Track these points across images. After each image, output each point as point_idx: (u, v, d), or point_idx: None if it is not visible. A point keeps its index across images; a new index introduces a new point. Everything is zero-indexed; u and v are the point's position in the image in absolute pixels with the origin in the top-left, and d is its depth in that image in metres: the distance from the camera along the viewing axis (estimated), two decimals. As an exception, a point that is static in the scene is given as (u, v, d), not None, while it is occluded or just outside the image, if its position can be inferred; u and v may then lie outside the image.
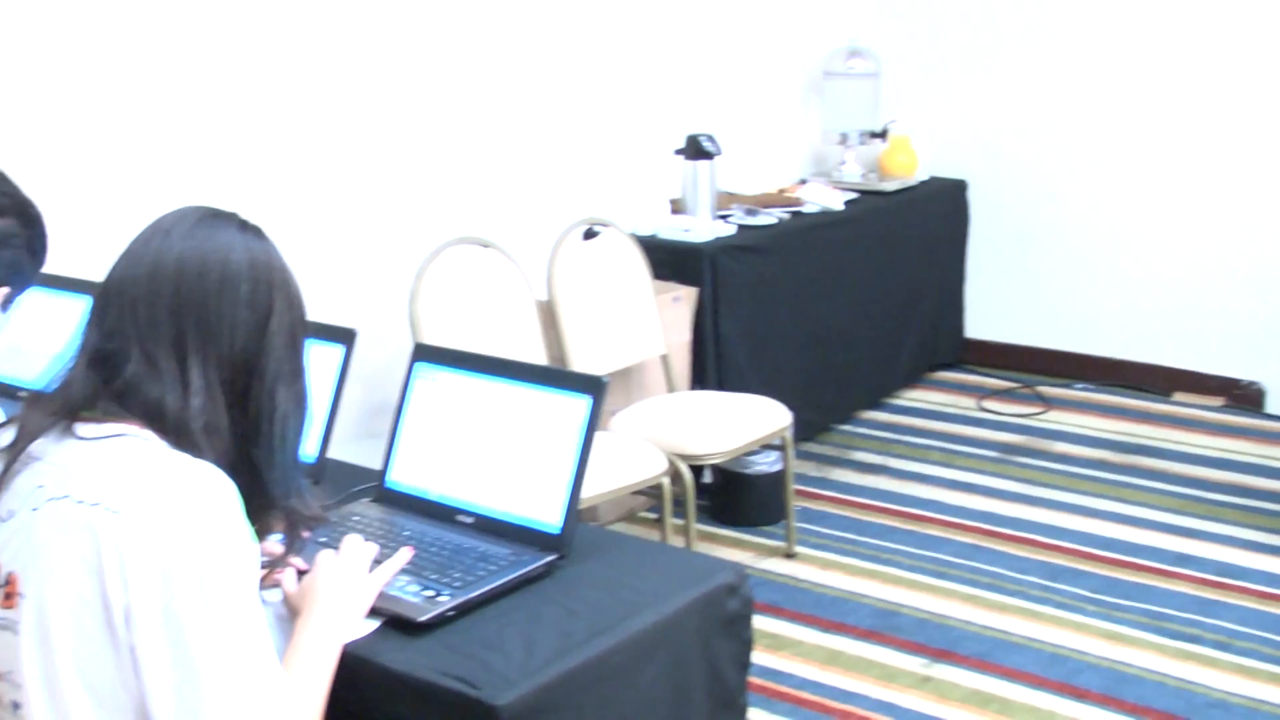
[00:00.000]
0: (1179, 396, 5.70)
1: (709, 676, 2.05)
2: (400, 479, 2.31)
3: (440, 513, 2.22)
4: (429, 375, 2.32)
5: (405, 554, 2.02)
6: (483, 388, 2.25)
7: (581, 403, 2.14)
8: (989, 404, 5.66)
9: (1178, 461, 5.01)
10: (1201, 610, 3.89)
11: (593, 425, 2.13)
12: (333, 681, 1.76)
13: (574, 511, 2.10)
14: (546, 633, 1.88)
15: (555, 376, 2.24)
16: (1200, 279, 5.61)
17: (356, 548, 1.96)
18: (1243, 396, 5.61)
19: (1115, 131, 5.72)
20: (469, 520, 2.19)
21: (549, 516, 2.11)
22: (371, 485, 2.35)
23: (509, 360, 2.35)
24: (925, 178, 5.91)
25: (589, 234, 4.25)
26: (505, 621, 1.92)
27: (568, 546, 2.08)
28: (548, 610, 1.95)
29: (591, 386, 2.16)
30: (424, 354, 2.37)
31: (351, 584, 1.89)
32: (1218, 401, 5.63)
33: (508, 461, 2.19)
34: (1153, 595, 3.98)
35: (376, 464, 2.36)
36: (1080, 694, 3.43)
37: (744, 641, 2.10)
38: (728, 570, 2.08)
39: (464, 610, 1.94)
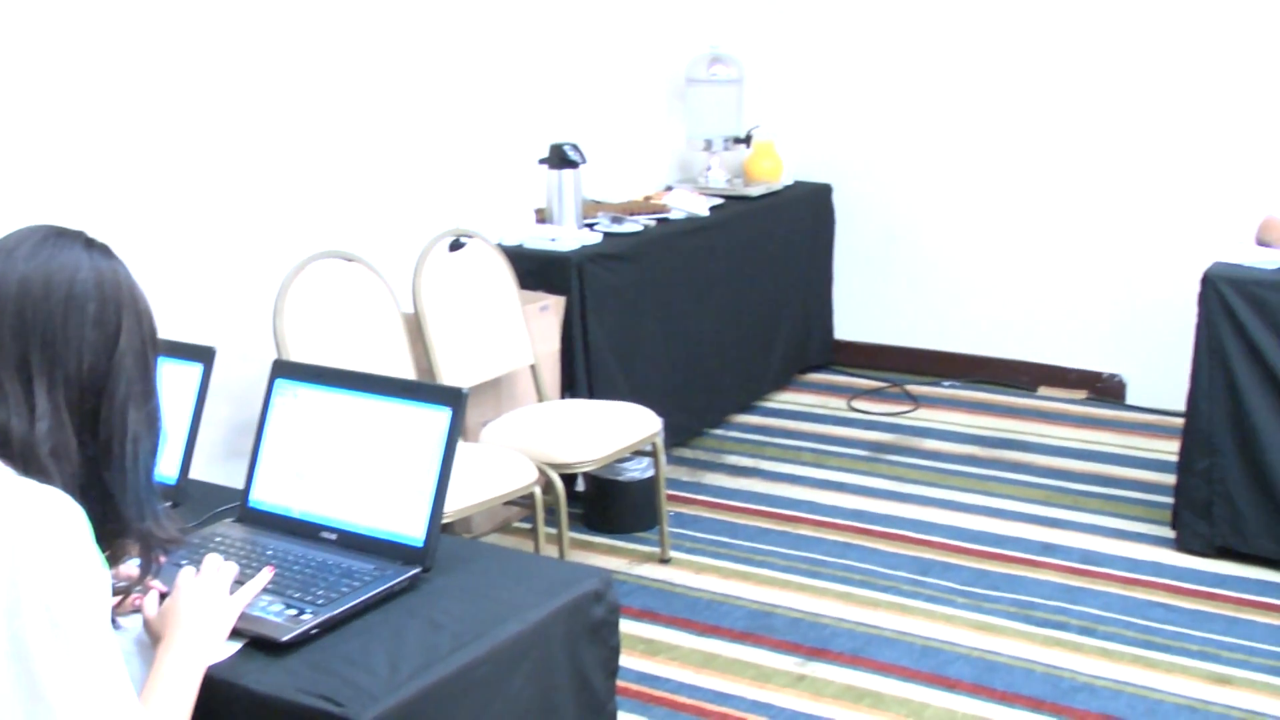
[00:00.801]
0: (1044, 391, 5.83)
1: (577, 684, 2.06)
2: (263, 498, 2.28)
3: (303, 530, 2.20)
4: (289, 392, 2.29)
5: (267, 574, 2.00)
6: (343, 403, 2.24)
7: (442, 415, 2.13)
8: (859, 404, 5.74)
9: (1043, 454, 5.13)
10: (1067, 598, 3.98)
11: (453, 437, 2.12)
12: (195, 706, 1.74)
13: (437, 524, 2.09)
14: (411, 647, 1.87)
15: (415, 390, 2.23)
16: (1062, 276, 5.75)
17: (216, 569, 1.93)
18: (1105, 389, 5.75)
19: (975, 133, 5.84)
20: (332, 537, 2.17)
21: (412, 530, 2.10)
22: (234, 505, 2.32)
23: (369, 375, 2.34)
24: (790, 182, 5.98)
25: (455, 245, 4.23)
26: (370, 637, 1.91)
27: (431, 559, 2.08)
28: (412, 624, 1.94)
29: (451, 398, 2.15)
30: (283, 370, 2.34)
31: (212, 606, 1.87)
32: (1081, 395, 5.77)
33: (370, 476, 2.17)
34: (1020, 585, 4.06)
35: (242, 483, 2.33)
36: (951, 684, 3.50)
37: (611, 647, 2.11)
38: (593, 577, 2.09)
39: (327, 628, 1.92)
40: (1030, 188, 5.76)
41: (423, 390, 2.24)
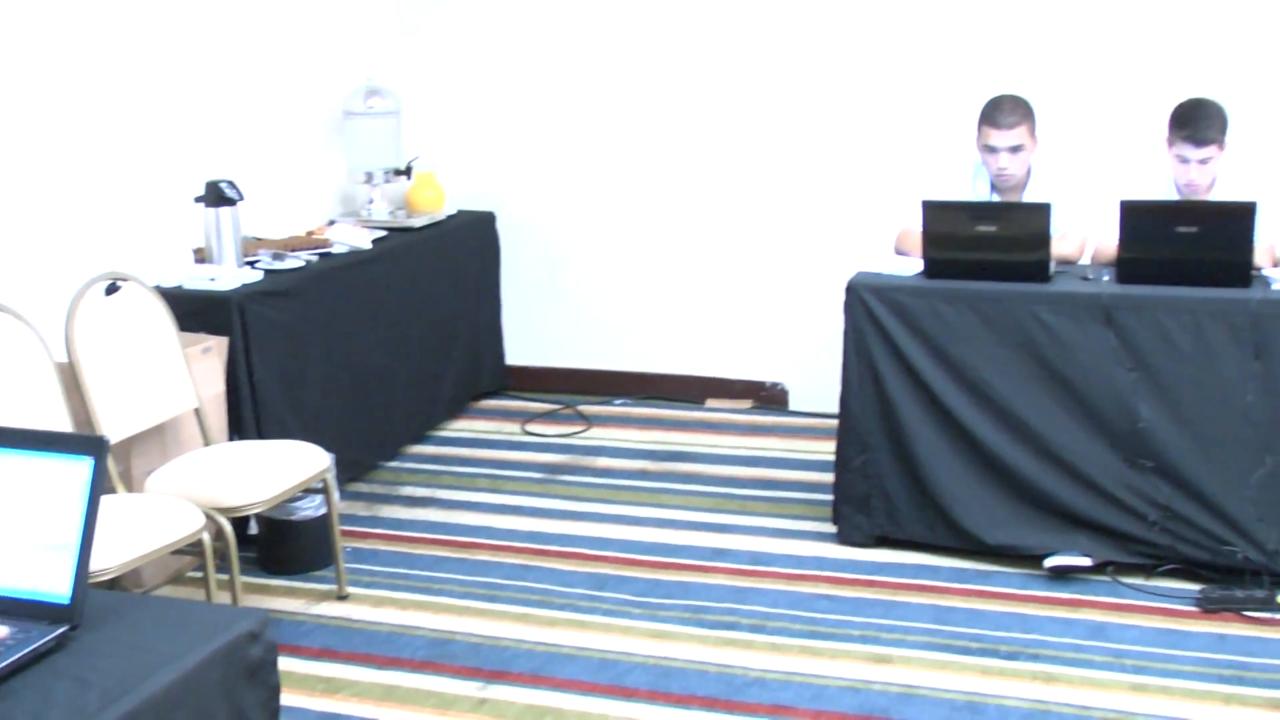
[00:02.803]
0: (711, 403, 6.04)
1: (238, 727, 2.04)
2: (-107, 566, 2.17)
3: (-60, 597, 2.11)
4: (-84, 454, 2.19)
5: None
6: (-24, 461, 2.15)
7: (83, 465, 2.08)
8: (533, 427, 5.82)
9: (711, 464, 5.32)
10: (737, 598, 4.14)
11: (97, 487, 2.07)
12: None
13: (84, 579, 2.04)
14: (57, 709, 1.83)
15: (53, 441, 2.16)
16: (723, 292, 5.99)
17: None
18: (768, 397, 6.01)
19: (628, 157, 6.02)
20: (-29, 601, 2.09)
21: (58, 587, 2.04)
22: None
23: (2, 429, 2.26)
24: (454, 211, 6.02)
25: (110, 289, 4.10)
26: (14, 703, 1.85)
27: (79, 616, 2.02)
28: (59, 685, 1.89)
29: (93, 447, 2.10)
30: (-91, 431, 2.24)
31: None
32: (746, 404, 6.01)
33: (9, 535, 2.10)
34: (692, 591, 4.20)
35: None
36: (629, 694, 3.59)
37: (271, 687, 2.10)
38: (248, 618, 2.08)
39: (-33, 697, 1.85)
40: (686, 209, 5.97)
41: (61, 441, 2.18)
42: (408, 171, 5.88)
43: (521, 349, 6.33)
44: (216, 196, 4.76)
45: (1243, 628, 3.89)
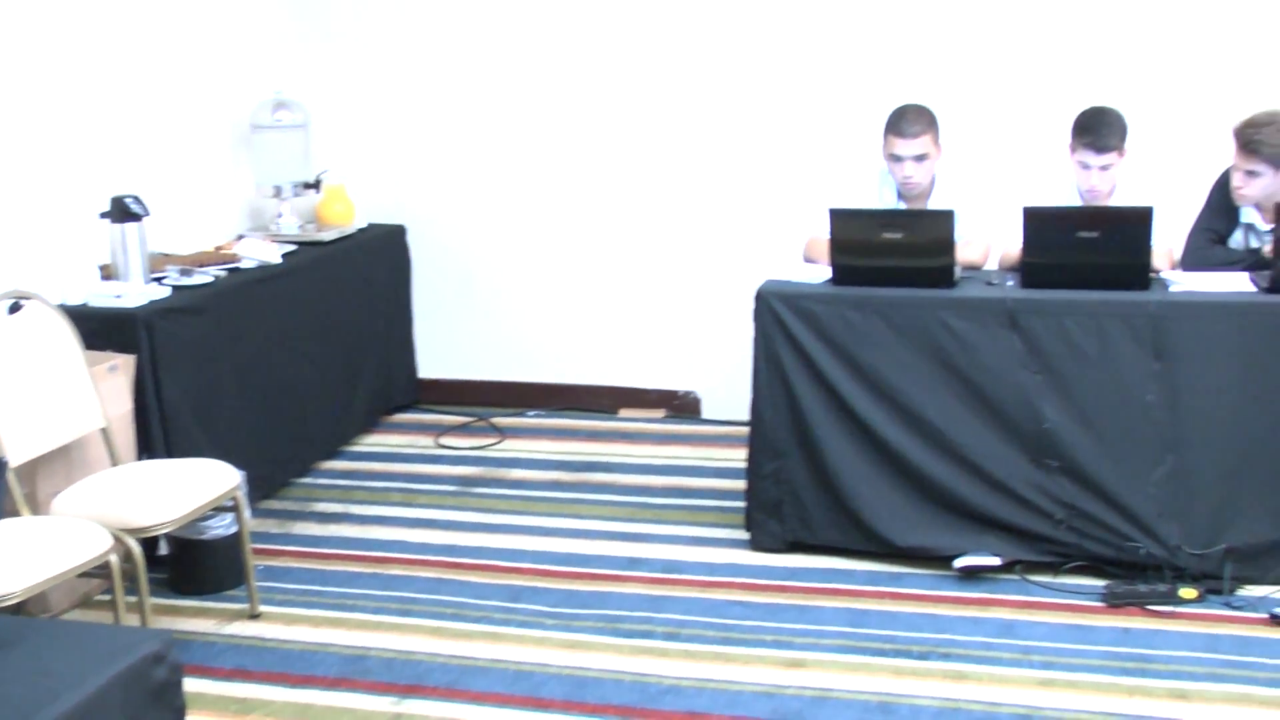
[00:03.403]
0: (625, 412, 6.06)
1: (143, 750, 2.03)
2: None
3: None
4: None
5: None
6: None
7: (-20, 489, 2.06)
8: (446, 440, 5.81)
9: (625, 473, 5.33)
10: (652, 607, 4.16)
11: (-6, 511, 2.05)
12: None
13: (-19, 604, 2.02)
14: (-46, 737, 1.81)
15: (-51, 465, 2.13)
16: (636, 302, 6.01)
17: None
18: (681, 406, 6.04)
19: (539, 168, 6.03)
20: None
21: (-44, 613, 2.02)
22: None
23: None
24: (364, 225, 5.99)
25: (13, 308, 4.04)
26: (-90, 730, 1.82)
27: (-26, 643, 2.00)
28: (-44, 713, 1.87)
29: (-11, 471, 2.08)
30: None
31: None
32: (659, 413, 6.03)
33: (-95, 561, 2.07)
34: (607, 600, 4.22)
35: None
36: (544, 705, 3.59)
37: (176, 709, 2.09)
38: (151, 640, 2.06)
39: None
40: (597, 219, 5.99)
41: (-42, 466, 2.15)
42: (317, 185, 5.85)
43: (434, 362, 6.31)
44: (122, 212, 4.71)
45: (1146, 621, 3.97)
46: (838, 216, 4.38)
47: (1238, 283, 4.27)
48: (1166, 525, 4.15)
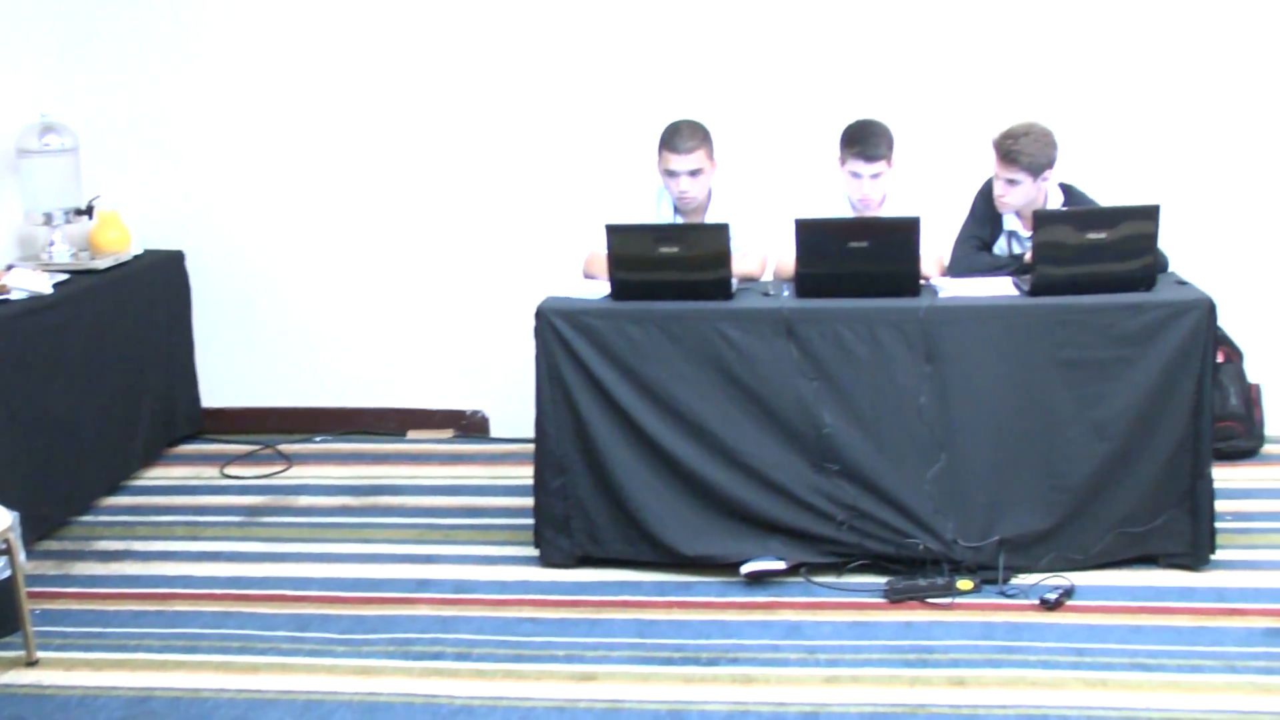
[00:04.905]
0: (412, 434, 6.03)
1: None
2: None
3: None
4: None
5: None
6: None
7: None
8: (232, 470, 5.70)
9: (414, 495, 5.31)
10: (442, 628, 4.15)
11: None
12: None
13: None
14: None
15: None
16: (420, 323, 5.99)
17: None
18: (469, 425, 6.04)
19: (316, 191, 5.95)
20: None
21: None
22: None
23: None
24: (140, 251, 5.83)
25: None
26: None
27: None
28: None
29: None
30: None
31: None
32: (448, 434, 6.02)
33: None
34: (397, 624, 4.19)
35: None
36: (335, 734, 3.56)
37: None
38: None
39: None
40: (378, 239, 5.95)
41: None
42: (89, 211, 5.65)
43: (217, 390, 6.18)
44: (-121, 246, 4.52)
45: (926, 614, 4.11)
46: (614, 232, 4.43)
47: (1002, 287, 4.46)
48: (942, 521, 4.29)
